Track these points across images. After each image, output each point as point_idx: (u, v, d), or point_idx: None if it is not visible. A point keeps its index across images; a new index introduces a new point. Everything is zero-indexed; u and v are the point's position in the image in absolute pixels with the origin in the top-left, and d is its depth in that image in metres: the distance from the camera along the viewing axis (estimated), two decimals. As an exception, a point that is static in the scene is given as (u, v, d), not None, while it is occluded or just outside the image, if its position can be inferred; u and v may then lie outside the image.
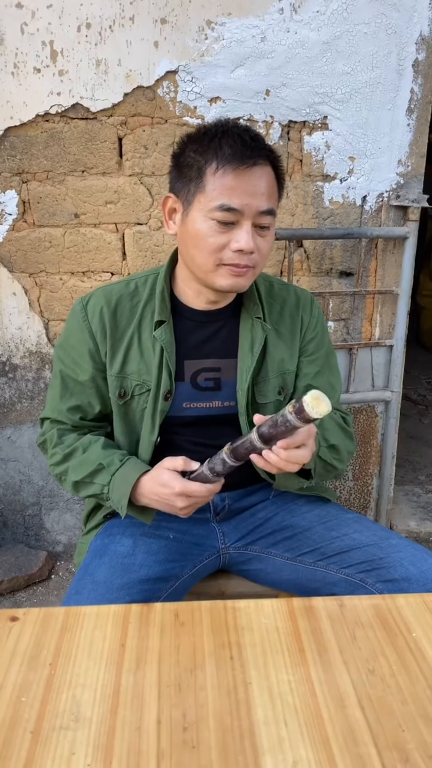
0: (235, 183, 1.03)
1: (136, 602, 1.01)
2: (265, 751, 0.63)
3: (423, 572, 1.02)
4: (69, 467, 1.16)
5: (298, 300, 1.25)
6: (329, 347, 1.28)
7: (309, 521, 1.19)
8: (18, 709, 0.68)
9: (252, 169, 1.03)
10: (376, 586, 1.04)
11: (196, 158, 1.06)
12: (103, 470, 1.13)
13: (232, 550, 1.21)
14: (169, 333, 1.16)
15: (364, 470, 2.10)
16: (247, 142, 1.03)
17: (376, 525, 1.18)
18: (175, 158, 1.12)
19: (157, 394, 1.15)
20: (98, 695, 0.70)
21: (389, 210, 1.83)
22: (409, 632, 0.80)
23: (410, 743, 0.64)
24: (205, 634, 0.80)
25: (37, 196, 1.78)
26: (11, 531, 2.11)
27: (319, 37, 1.66)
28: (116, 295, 1.18)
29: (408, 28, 1.68)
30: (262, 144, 1.06)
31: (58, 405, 1.21)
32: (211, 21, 1.64)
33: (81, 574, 1.09)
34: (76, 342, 1.18)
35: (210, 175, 1.04)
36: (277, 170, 1.10)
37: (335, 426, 1.19)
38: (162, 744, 0.64)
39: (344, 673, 0.74)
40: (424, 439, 3.04)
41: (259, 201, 1.04)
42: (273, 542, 1.19)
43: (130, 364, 1.16)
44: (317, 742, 0.64)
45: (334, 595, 1.09)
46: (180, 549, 1.16)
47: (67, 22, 1.63)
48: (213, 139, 1.05)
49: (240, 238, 1.04)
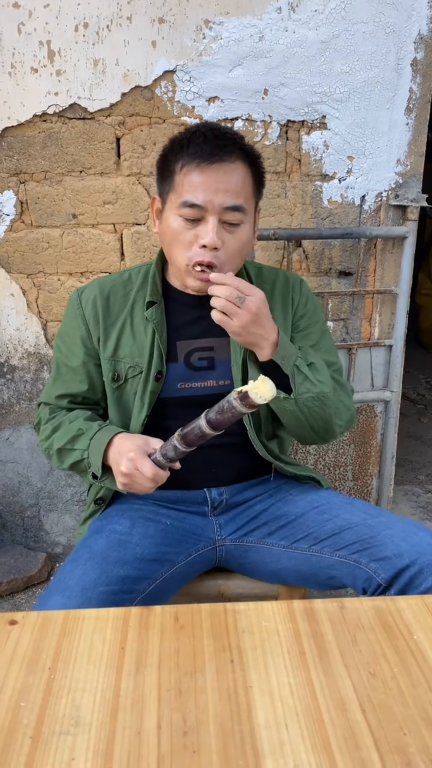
0: (198, 179, 1.05)
1: (130, 577, 1.04)
2: (266, 754, 0.63)
3: (413, 546, 1.03)
4: (54, 438, 1.20)
5: (287, 280, 1.28)
6: (323, 327, 1.29)
7: (302, 508, 1.20)
8: (17, 714, 0.68)
9: (216, 165, 1.05)
10: (370, 566, 1.05)
11: (170, 159, 1.10)
12: (83, 435, 1.16)
13: (228, 542, 1.21)
14: (160, 313, 1.19)
15: (364, 470, 2.09)
16: (209, 140, 1.05)
17: (366, 505, 1.19)
18: (159, 161, 1.16)
19: (149, 375, 1.17)
20: (98, 699, 0.70)
21: (388, 209, 1.83)
22: (410, 634, 0.80)
23: (412, 747, 0.64)
24: (205, 637, 0.79)
25: (34, 196, 1.78)
26: (10, 532, 2.11)
27: (317, 36, 1.66)
28: (110, 283, 1.23)
29: (406, 27, 1.67)
30: (228, 141, 1.07)
31: (50, 390, 1.27)
32: (209, 20, 1.63)
33: (79, 546, 1.12)
34: (70, 329, 1.23)
35: (177, 173, 1.08)
36: (255, 168, 1.12)
37: (324, 367, 1.16)
38: (162, 748, 0.64)
39: (345, 676, 0.73)
40: (423, 438, 3.04)
41: (224, 197, 1.06)
42: (268, 532, 1.20)
43: (123, 347, 1.20)
44: (318, 746, 0.64)
45: (333, 578, 1.10)
46: (176, 536, 1.17)
47: (64, 22, 1.62)
48: (183, 139, 1.09)
49: (204, 235, 1.06)
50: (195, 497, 1.24)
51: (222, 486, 1.24)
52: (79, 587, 0.99)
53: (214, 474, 1.24)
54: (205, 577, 1.25)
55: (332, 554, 1.11)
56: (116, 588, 1.01)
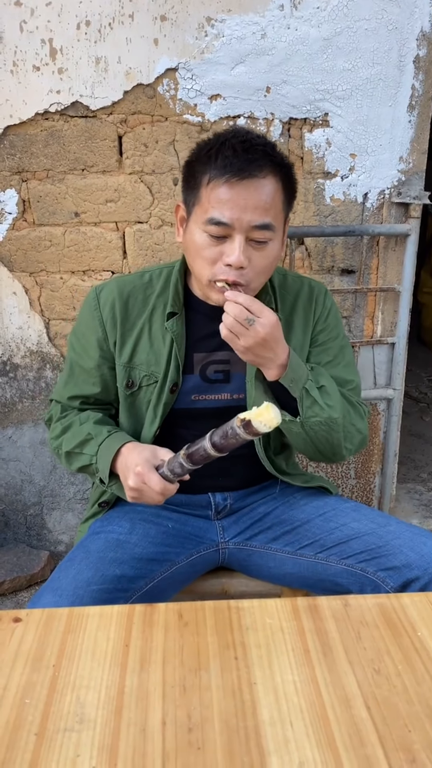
0: (226, 196, 1.00)
1: (127, 576, 1.02)
2: (271, 751, 0.63)
3: (422, 556, 1.02)
4: (64, 439, 1.19)
5: (311, 291, 1.24)
6: (343, 341, 1.25)
7: (307, 514, 1.19)
8: (22, 711, 0.68)
9: (246, 181, 0.99)
10: (378, 575, 1.04)
11: (197, 168, 1.05)
12: (92, 440, 1.14)
13: (232, 545, 1.21)
14: (181, 325, 1.16)
15: (366, 468, 2.09)
16: (239, 153, 0.99)
17: (374, 512, 1.17)
18: (185, 167, 1.11)
19: (164, 385, 1.15)
20: (102, 696, 0.70)
21: (391, 207, 1.82)
22: (415, 631, 0.80)
23: (417, 743, 0.64)
24: (209, 635, 0.79)
25: (37, 194, 1.78)
26: (13, 531, 2.11)
27: (319, 33, 1.65)
28: (130, 285, 1.19)
29: (409, 24, 1.67)
30: (259, 153, 1.01)
31: (62, 391, 1.25)
32: (210, 18, 1.63)
33: (76, 547, 1.11)
34: (86, 329, 1.19)
35: (204, 186, 1.02)
36: (287, 181, 1.06)
37: (336, 389, 1.12)
38: (167, 745, 0.64)
39: (350, 673, 0.73)
40: (426, 436, 3.03)
41: (252, 215, 1.00)
42: (273, 537, 1.19)
43: (139, 354, 1.17)
44: (323, 743, 0.64)
45: (339, 585, 1.10)
46: (178, 537, 1.17)
47: (66, 20, 1.62)
48: (211, 149, 1.03)
49: (230, 253, 1.02)
50: (199, 501, 1.23)
51: (227, 492, 1.24)
52: (72, 586, 0.97)
53: (220, 482, 1.23)
54: (208, 576, 1.24)
55: (338, 562, 1.10)
56: (110, 587, 0.99)
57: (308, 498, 1.22)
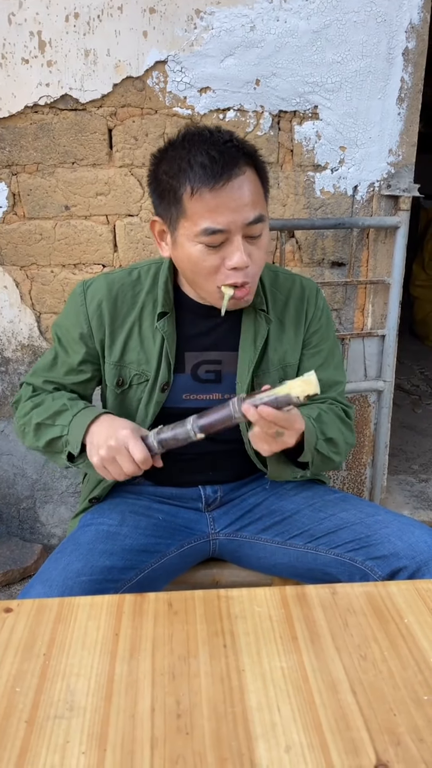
0: (214, 203, 0.98)
1: (117, 567, 1.03)
2: (258, 736, 0.64)
3: (410, 545, 1.03)
4: (33, 413, 1.16)
5: (303, 291, 1.23)
6: (334, 341, 1.26)
7: (297, 504, 1.20)
8: (12, 699, 0.69)
9: (229, 184, 0.98)
10: (366, 564, 1.05)
11: (170, 182, 1.02)
12: (66, 411, 1.12)
13: (222, 536, 1.22)
14: (171, 325, 1.15)
15: (357, 460, 2.11)
16: (215, 158, 0.97)
17: (363, 502, 1.18)
18: (151, 181, 1.08)
19: (155, 384, 1.15)
20: (92, 684, 0.71)
21: (380, 200, 1.83)
22: (401, 618, 0.81)
23: (401, 727, 0.65)
24: (199, 623, 0.80)
25: (27, 188, 1.77)
26: (6, 524, 2.11)
27: (308, 25, 1.65)
28: (118, 283, 1.17)
29: (398, 17, 1.67)
30: (233, 151, 1.00)
31: (39, 374, 1.23)
32: (200, 10, 1.63)
33: (66, 539, 1.11)
34: (71, 324, 1.18)
35: (187, 199, 1.00)
36: (260, 166, 1.06)
37: (335, 419, 1.18)
38: (156, 731, 0.64)
39: (336, 659, 0.74)
40: (417, 428, 3.05)
41: (245, 213, 1.00)
42: (263, 528, 1.20)
43: (130, 353, 1.16)
44: (310, 727, 0.65)
45: (328, 575, 1.11)
46: (168, 529, 1.17)
47: (54, 12, 1.61)
48: (182, 160, 1.00)
49: (233, 257, 1.01)
50: (190, 494, 1.24)
51: (217, 485, 1.25)
52: (62, 577, 0.97)
53: (210, 476, 1.24)
54: (199, 567, 1.25)
55: (328, 552, 1.11)
56: (100, 577, 1.00)
57: (298, 488, 1.23)
